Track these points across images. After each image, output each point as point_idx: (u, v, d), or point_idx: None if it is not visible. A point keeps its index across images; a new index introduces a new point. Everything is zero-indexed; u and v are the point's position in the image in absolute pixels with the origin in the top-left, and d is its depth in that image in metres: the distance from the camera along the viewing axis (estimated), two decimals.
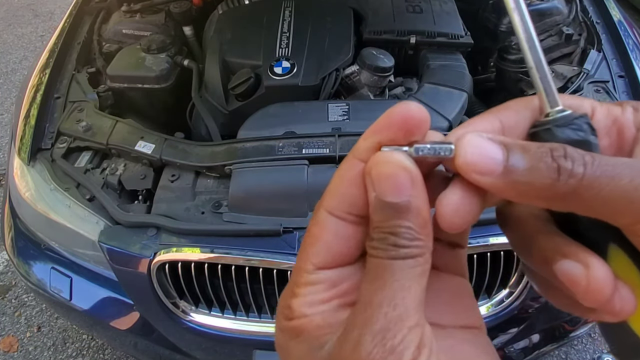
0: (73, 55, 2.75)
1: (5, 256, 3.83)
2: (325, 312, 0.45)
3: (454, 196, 0.43)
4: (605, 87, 2.36)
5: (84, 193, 2.11)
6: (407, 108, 0.43)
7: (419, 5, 2.91)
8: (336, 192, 0.46)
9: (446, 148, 0.43)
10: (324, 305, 0.45)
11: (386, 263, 0.41)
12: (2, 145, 5.01)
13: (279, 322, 0.47)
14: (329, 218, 0.45)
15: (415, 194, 0.41)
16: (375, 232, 0.42)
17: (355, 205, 0.44)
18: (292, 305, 0.45)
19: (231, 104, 2.52)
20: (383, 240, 0.41)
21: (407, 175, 0.41)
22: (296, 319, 0.45)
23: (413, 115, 0.43)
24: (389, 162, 0.42)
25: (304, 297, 0.45)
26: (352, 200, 0.44)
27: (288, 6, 2.84)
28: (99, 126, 2.29)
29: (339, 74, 2.50)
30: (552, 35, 2.99)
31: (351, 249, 0.46)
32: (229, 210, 2.00)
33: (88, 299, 2.19)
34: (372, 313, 0.40)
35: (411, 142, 0.43)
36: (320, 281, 0.45)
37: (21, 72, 6.17)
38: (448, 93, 2.43)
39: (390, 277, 0.41)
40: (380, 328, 0.39)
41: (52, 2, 7.80)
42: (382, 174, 0.42)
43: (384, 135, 0.44)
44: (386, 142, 0.44)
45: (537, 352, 2.46)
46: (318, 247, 0.45)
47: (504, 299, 2.04)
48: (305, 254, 0.46)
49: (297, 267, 0.47)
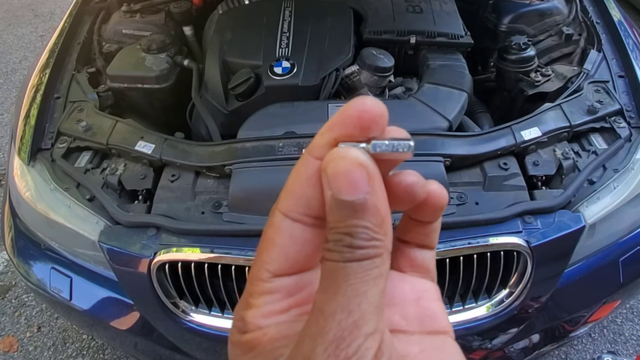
0: (73, 55, 2.75)
1: (5, 256, 3.83)
2: (282, 324, 0.43)
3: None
4: (605, 87, 2.37)
5: (84, 193, 2.12)
6: (363, 103, 0.41)
7: (419, 5, 2.91)
8: (292, 193, 0.44)
9: (404, 144, 0.42)
10: (280, 316, 0.44)
11: (341, 267, 0.39)
12: (2, 145, 5.00)
13: (232, 336, 0.45)
14: (284, 221, 0.43)
15: (373, 191, 0.40)
16: (331, 234, 0.40)
17: (312, 207, 0.43)
18: (246, 317, 0.44)
19: (231, 104, 2.52)
20: (338, 242, 0.39)
21: (364, 172, 0.39)
22: (249, 332, 0.43)
23: (369, 110, 0.41)
24: (344, 158, 0.40)
25: (258, 308, 0.44)
26: (308, 201, 0.43)
27: (288, 6, 2.85)
28: (99, 126, 2.29)
29: (339, 74, 2.50)
30: (552, 35, 3.00)
31: (309, 254, 0.44)
32: (229, 210, 2.00)
33: (88, 299, 2.19)
34: (324, 322, 0.38)
35: (369, 138, 0.42)
36: (276, 290, 0.44)
37: (21, 72, 6.18)
38: (448, 93, 2.43)
39: (345, 282, 0.38)
40: (333, 337, 0.37)
41: (52, 2, 7.80)
42: (337, 171, 0.40)
43: (340, 131, 0.42)
44: (342, 139, 0.42)
45: (537, 352, 2.47)
46: (274, 252, 0.44)
47: (504, 299, 2.04)
48: (260, 260, 0.44)
49: (252, 275, 0.45)
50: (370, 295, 0.39)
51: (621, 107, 2.26)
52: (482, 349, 2.25)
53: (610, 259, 2.13)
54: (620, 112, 2.26)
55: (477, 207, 2.00)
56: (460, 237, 1.89)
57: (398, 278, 0.51)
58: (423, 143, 2.09)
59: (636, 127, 2.23)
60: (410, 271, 0.52)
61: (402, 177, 0.45)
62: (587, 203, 2.01)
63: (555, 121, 2.19)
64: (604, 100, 2.28)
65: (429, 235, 0.53)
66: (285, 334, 0.43)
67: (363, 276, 0.39)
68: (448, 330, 0.50)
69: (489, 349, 2.26)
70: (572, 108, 2.25)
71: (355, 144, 0.42)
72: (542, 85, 2.64)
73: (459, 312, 2.05)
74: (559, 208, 1.97)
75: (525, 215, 1.94)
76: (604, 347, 3.23)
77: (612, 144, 2.16)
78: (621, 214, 2.09)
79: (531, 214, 1.95)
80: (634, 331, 3.30)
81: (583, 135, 2.25)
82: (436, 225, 0.52)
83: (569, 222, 1.95)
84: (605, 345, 3.24)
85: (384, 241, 0.40)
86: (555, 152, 2.16)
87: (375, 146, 0.41)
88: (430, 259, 0.53)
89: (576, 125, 2.19)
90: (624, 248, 2.15)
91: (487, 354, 2.31)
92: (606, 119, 2.24)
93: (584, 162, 2.12)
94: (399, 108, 2.37)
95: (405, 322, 0.47)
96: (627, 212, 2.11)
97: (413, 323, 0.47)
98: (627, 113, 2.26)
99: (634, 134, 2.20)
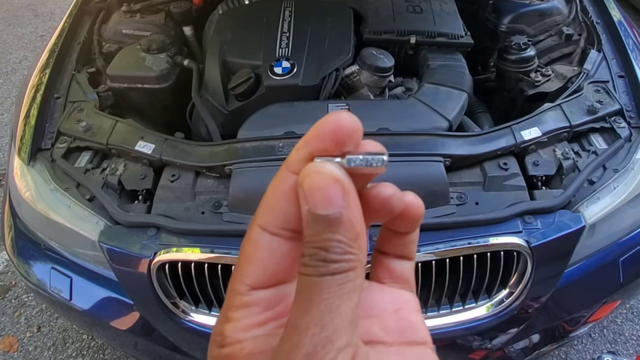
0: (73, 55, 2.75)
1: (5, 256, 3.83)
2: (259, 338, 0.43)
3: None
4: (605, 87, 2.37)
5: (84, 193, 2.12)
6: (338, 117, 0.42)
7: (419, 5, 2.91)
8: (269, 207, 0.44)
9: (378, 159, 0.42)
10: (258, 329, 0.44)
11: (314, 281, 0.39)
12: (2, 145, 5.00)
13: (211, 351, 0.45)
14: (262, 234, 0.44)
15: (347, 205, 0.40)
16: (307, 248, 0.40)
17: (290, 221, 0.43)
18: (225, 331, 0.44)
19: (231, 104, 2.52)
20: (313, 256, 0.40)
21: (338, 187, 0.40)
22: (227, 347, 0.43)
23: (344, 125, 0.42)
24: (319, 173, 0.41)
25: (237, 321, 0.44)
26: (286, 215, 0.43)
27: (288, 6, 2.85)
28: (99, 126, 2.29)
29: (339, 74, 2.50)
30: (552, 35, 3.00)
31: (287, 267, 0.45)
32: (229, 210, 2.00)
33: (88, 299, 2.19)
34: (298, 337, 0.38)
35: (344, 152, 0.42)
36: (254, 303, 0.44)
37: (21, 72, 6.18)
38: (448, 93, 2.43)
39: (318, 297, 0.39)
40: (306, 352, 0.37)
41: (52, 2, 7.81)
42: (313, 185, 0.40)
43: (315, 145, 0.43)
44: (318, 153, 0.42)
45: (537, 352, 2.47)
46: (252, 266, 0.44)
47: (504, 299, 2.04)
48: (238, 274, 0.44)
49: (230, 289, 0.45)
50: (343, 309, 0.39)
51: (621, 107, 2.27)
52: (482, 349, 2.25)
53: (610, 259, 2.13)
54: (620, 112, 2.27)
55: (477, 207, 2.00)
56: (460, 237, 1.89)
57: (377, 289, 0.51)
58: (423, 143, 2.09)
59: (636, 127, 2.23)
60: (390, 282, 0.52)
61: (379, 189, 0.45)
62: (587, 203, 2.01)
63: (555, 121, 2.19)
64: (604, 100, 2.28)
65: (408, 246, 0.53)
66: (262, 348, 0.43)
67: (337, 290, 0.39)
68: (427, 341, 0.50)
69: (489, 349, 2.26)
70: (572, 108, 2.25)
71: (331, 158, 0.42)
72: (542, 85, 2.64)
73: (459, 312, 2.05)
74: (559, 208, 1.97)
75: (525, 216, 1.94)
76: (604, 347, 3.23)
77: (612, 144, 2.16)
78: (621, 214, 2.09)
79: (531, 214, 1.95)
80: (634, 331, 3.30)
81: (583, 135, 2.25)
82: (414, 236, 0.52)
83: (569, 222, 1.94)
84: (605, 345, 3.24)
85: (358, 255, 0.40)
86: (555, 152, 2.16)
87: (350, 161, 0.42)
88: (409, 270, 0.54)
89: (576, 125, 2.19)
90: (624, 248, 2.15)
91: (487, 354, 2.31)
92: (606, 119, 2.24)
93: (584, 162, 2.12)
94: (399, 108, 2.37)
95: (385, 334, 0.47)
96: (627, 212, 2.11)
97: (392, 334, 0.48)
98: (627, 113, 2.26)
99: (634, 134, 2.20)
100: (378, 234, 0.53)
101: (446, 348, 2.19)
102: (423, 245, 1.87)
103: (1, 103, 5.65)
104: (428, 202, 1.96)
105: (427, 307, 2.03)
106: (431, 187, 1.96)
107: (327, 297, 0.38)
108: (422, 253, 1.86)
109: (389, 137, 2.11)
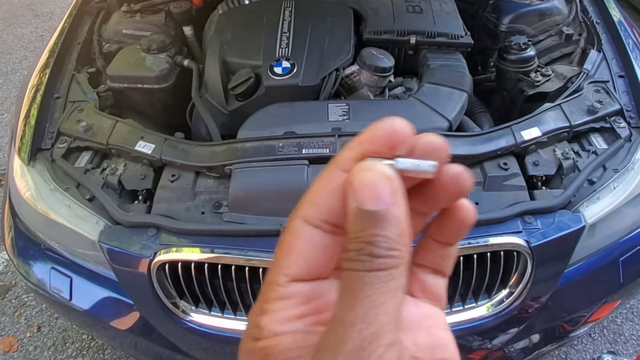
0: (73, 55, 2.75)
1: (5, 256, 3.83)
2: (297, 333, 0.43)
3: None
4: (605, 87, 2.37)
5: (84, 193, 2.12)
6: (393, 123, 0.43)
7: (419, 5, 2.91)
8: (315, 201, 0.44)
9: (428, 164, 0.43)
10: (296, 323, 0.43)
11: (360, 276, 0.39)
12: (2, 145, 5.01)
13: (245, 344, 0.44)
14: (304, 226, 0.44)
15: (395, 203, 0.40)
16: (352, 243, 0.40)
17: (333, 215, 0.43)
18: (261, 323, 0.43)
19: (231, 104, 2.52)
20: (359, 251, 0.40)
21: (388, 184, 0.41)
22: (264, 339, 0.42)
23: (398, 130, 0.43)
24: (371, 171, 0.41)
25: (274, 313, 0.43)
26: (330, 209, 0.43)
27: (288, 6, 2.85)
28: (99, 126, 2.29)
29: (339, 74, 2.50)
30: (552, 35, 3.01)
31: (327, 261, 0.45)
32: (229, 210, 2.00)
33: (88, 299, 2.19)
34: (344, 332, 0.38)
35: (394, 156, 0.43)
36: (293, 295, 0.44)
37: (21, 72, 6.18)
38: (448, 93, 2.43)
39: (362, 293, 0.39)
40: (353, 347, 0.37)
41: (52, 2, 7.80)
42: (363, 182, 0.41)
43: (368, 147, 0.43)
44: (370, 155, 0.43)
45: (537, 352, 2.47)
46: (292, 257, 0.44)
47: (504, 299, 2.04)
48: (277, 265, 0.44)
49: (268, 280, 0.45)
50: (387, 307, 0.39)
51: (621, 107, 2.26)
52: (482, 349, 2.25)
53: (610, 259, 2.13)
54: (620, 112, 2.26)
55: (477, 207, 1.99)
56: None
57: (411, 302, 0.51)
58: None
59: (636, 127, 2.23)
60: (422, 297, 0.52)
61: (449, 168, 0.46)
62: (587, 203, 2.01)
63: (555, 121, 2.19)
64: (604, 100, 2.28)
65: (445, 260, 0.53)
66: (301, 344, 0.42)
67: (381, 287, 0.39)
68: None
69: (489, 349, 2.26)
70: (572, 108, 2.25)
71: (382, 159, 0.43)
72: (542, 85, 2.64)
73: (459, 312, 2.05)
74: (559, 208, 1.97)
75: (525, 215, 1.94)
76: (604, 347, 3.23)
77: (612, 144, 2.16)
78: (621, 214, 2.09)
79: (531, 214, 1.95)
80: (634, 331, 3.30)
81: (583, 135, 2.25)
82: (453, 250, 0.53)
83: (569, 222, 1.94)
84: (605, 345, 3.24)
85: (403, 252, 0.41)
86: (555, 152, 2.16)
87: (400, 163, 0.43)
88: (442, 287, 0.54)
89: (576, 125, 2.19)
90: (624, 248, 2.15)
91: (487, 354, 2.32)
92: (606, 119, 2.24)
93: (584, 162, 2.12)
94: (399, 108, 2.37)
95: (417, 349, 0.47)
96: (627, 212, 2.11)
97: (424, 350, 0.47)
98: (627, 113, 2.26)
99: (634, 134, 2.20)
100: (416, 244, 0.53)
101: None
102: None
103: (1, 103, 5.65)
104: None
105: None
106: None
107: (371, 293, 0.39)
108: None
109: None
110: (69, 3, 3.21)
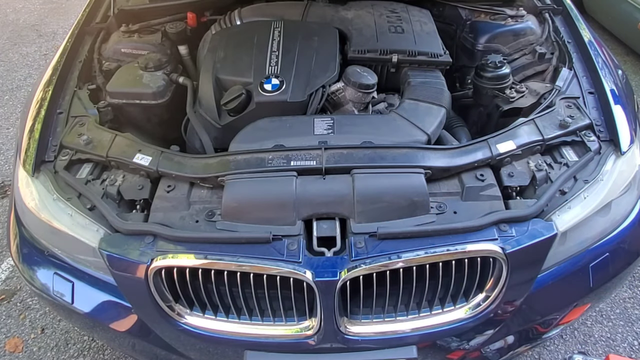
0: (75, 73, 2.75)
1: (11, 262, 3.83)
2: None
3: None
4: (576, 102, 2.39)
5: (85, 203, 2.12)
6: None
7: (401, 25, 2.93)
8: None
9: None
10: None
11: None
12: (8, 158, 5.00)
13: None
14: None
15: None
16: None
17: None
18: None
19: (224, 119, 2.52)
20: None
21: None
22: None
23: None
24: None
25: None
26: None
27: (277, 27, 2.86)
28: (99, 140, 2.29)
29: (325, 90, 2.51)
30: (526, 54, 3.02)
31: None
32: (222, 219, 2.01)
33: (89, 303, 2.18)
34: None
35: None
36: None
37: (26, 88, 6.18)
38: (427, 108, 2.45)
39: None
40: None
41: (55, 22, 7.81)
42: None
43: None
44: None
45: (511, 352, 2.47)
46: None
47: (481, 303, 2.04)
48: None
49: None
50: None
51: (591, 122, 2.28)
52: (460, 349, 2.25)
53: (580, 264, 2.14)
54: (590, 126, 2.28)
55: (456, 215, 2.00)
56: (440, 244, 1.89)
57: None
58: (404, 156, 2.10)
59: (605, 140, 2.24)
60: None
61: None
62: (559, 212, 2.02)
63: (529, 135, 2.20)
64: (574, 115, 2.30)
65: None
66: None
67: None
68: None
69: (467, 349, 2.26)
70: (545, 123, 2.26)
71: None
72: (517, 101, 2.66)
73: (438, 314, 2.05)
74: (533, 217, 1.98)
75: (500, 224, 1.95)
76: (575, 348, 3.24)
77: (582, 157, 2.18)
78: (591, 223, 2.10)
79: (506, 223, 1.95)
80: (603, 332, 3.31)
81: (555, 148, 2.26)
82: None
83: (542, 230, 1.95)
84: (576, 345, 3.25)
85: None
86: (529, 164, 2.17)
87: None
88: None
89: (549, 138, 2.20)
90: (594, 254, 2.16)
91: (465, 354, 2.31)
92: (577, 133, 2.25)
93: (556, 173, 2.13)
94: (381, 123, 2.37)
95: None
96: (596, 220, 2.12)
97: None
98: (597, 127, 2.28)
99: (603, 147, 2.22)
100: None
101: (426, 349, 2.19)
102: (404, 252, 1.87)
103: (7, 118, 5.64)
104: (409, 211, 1.98)
105: (408, 310, 2.03)
106: (412, 197, 1.97)
107: None
108: (404, 259, 1.86)
109: (373, 150, 2.12)
110: (71, 24, 3.22)
